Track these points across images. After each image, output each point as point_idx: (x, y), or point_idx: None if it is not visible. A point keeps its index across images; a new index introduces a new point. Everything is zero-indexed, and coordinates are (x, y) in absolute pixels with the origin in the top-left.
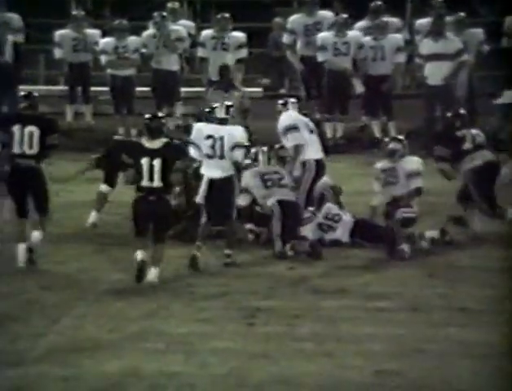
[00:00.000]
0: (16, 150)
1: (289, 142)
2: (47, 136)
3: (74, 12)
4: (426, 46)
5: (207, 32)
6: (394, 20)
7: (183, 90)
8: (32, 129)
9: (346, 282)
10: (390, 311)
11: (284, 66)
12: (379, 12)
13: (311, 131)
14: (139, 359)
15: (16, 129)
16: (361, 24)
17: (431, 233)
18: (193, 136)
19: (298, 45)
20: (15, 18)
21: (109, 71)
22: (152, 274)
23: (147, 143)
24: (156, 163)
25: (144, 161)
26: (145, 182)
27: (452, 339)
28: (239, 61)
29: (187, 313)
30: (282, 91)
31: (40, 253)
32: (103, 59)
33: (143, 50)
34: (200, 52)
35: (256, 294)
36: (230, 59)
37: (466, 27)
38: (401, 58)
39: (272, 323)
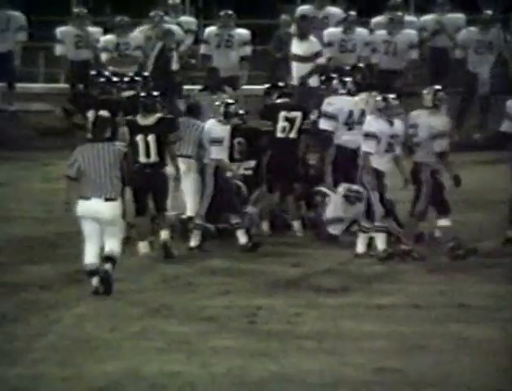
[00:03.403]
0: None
1: None
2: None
3: (76, 9)
4: (294, 46)
5: (211, 29)
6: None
7: (185, 87)
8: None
9: (347, 279)
10: (391, 308)
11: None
12: (397, 8)
13: None
14: (139, 359)
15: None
16: (378, 19)
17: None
18: None
19: None
20: (18, 16)
21: (110, 68)
22: (164, 234)
23: (141, 120)
24: (151, 139)
25: (139, 138)
26: (142, 158)
27: (453, 335)
28: (243, 59)
29: (188, 311)
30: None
31: (38, 253)
32: (104, 56)
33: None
34: (204, 49)
35: (257, 292)
36: (234, 56)
37: (492, 25)
38: (414, 54)
39: (273, 321)
